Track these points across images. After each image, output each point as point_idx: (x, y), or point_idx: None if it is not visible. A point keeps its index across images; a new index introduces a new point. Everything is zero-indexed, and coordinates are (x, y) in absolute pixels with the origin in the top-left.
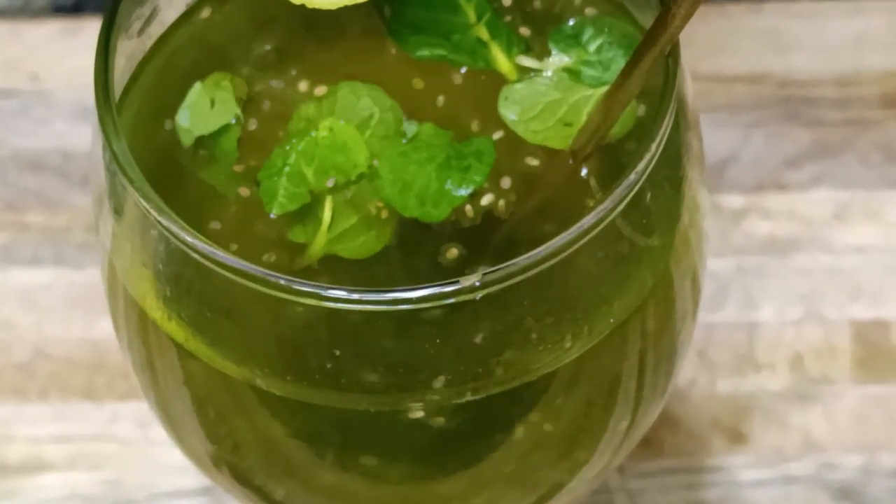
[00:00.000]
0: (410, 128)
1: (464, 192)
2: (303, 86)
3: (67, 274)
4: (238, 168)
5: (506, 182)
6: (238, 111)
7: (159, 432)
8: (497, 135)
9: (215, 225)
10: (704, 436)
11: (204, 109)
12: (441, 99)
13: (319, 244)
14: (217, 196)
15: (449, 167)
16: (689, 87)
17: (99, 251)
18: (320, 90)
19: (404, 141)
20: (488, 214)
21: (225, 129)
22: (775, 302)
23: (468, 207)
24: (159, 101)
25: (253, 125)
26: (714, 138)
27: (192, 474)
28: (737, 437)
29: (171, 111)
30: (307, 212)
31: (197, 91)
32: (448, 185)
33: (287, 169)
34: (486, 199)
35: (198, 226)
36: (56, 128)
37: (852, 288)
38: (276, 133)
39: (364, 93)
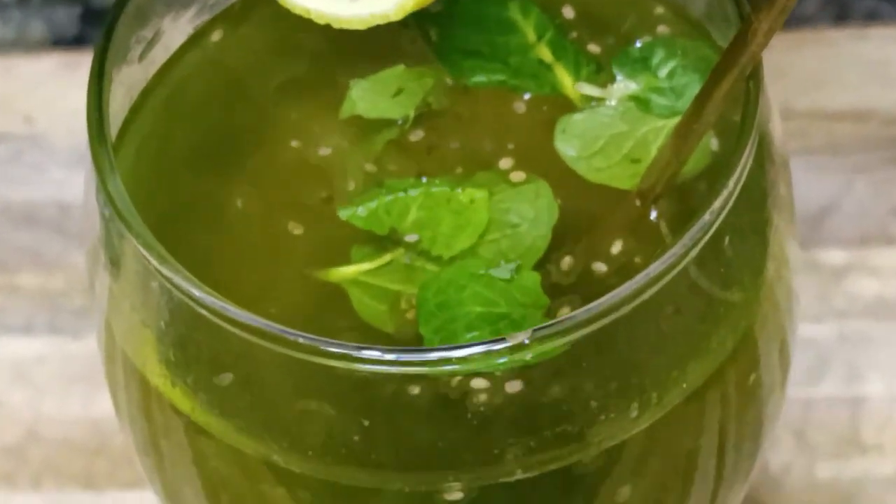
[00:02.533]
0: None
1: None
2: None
3: (64, 344)
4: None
5: (566, 232)
6: (412, 113)
7: None
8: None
9: (230, 279)
10: None
11: (386, 92)
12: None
13: (344, 275)
14: (233, 248)
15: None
16: (777, 120)
17: (95, 314)
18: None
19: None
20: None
21: (387, 123)
22: (884, 373)
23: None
24: (164, 137)
25: (415, 136)
26: (812, 185)
27: None
28: None
29: (178, 149)
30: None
31: (397, 72)
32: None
33: (392, 197)
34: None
35: (210, 281)
36: (52, 176)
37: None
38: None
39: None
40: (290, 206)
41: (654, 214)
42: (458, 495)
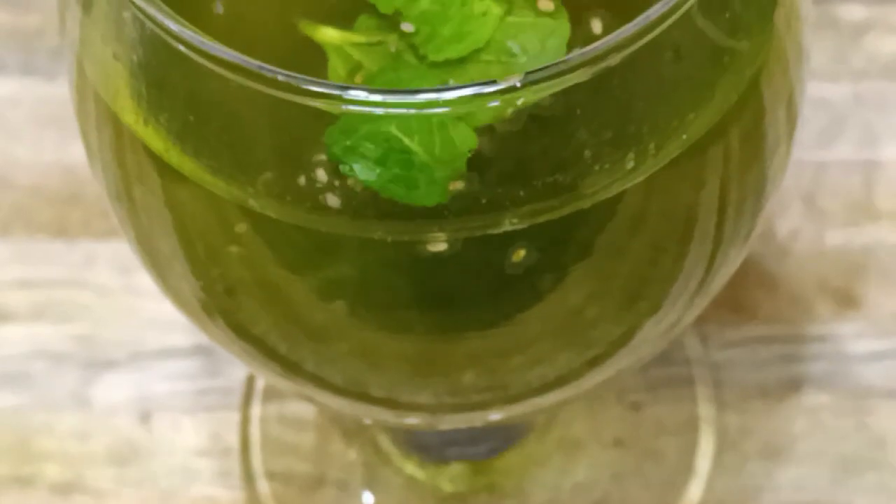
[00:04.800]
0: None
1: None
2: None
3: (37, 85)
4: None
5: None
6: None
7: (144, 279)
8: None
9: (208, 14)
10: (808, 298)
11: None
12: None
13: (330, 37)
14: None
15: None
16: None
17: (65, 51)
18: None
19: None
20: None
21: None
22: None
23: None
24: None
25: None
26: None
27: (183, 330)
28: (847, 301)
29: None
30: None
31: None
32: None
33: None
34: None
35: (186, 15)
36: None
37: None
38: None
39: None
40: None
41: None
42: (441, 246)
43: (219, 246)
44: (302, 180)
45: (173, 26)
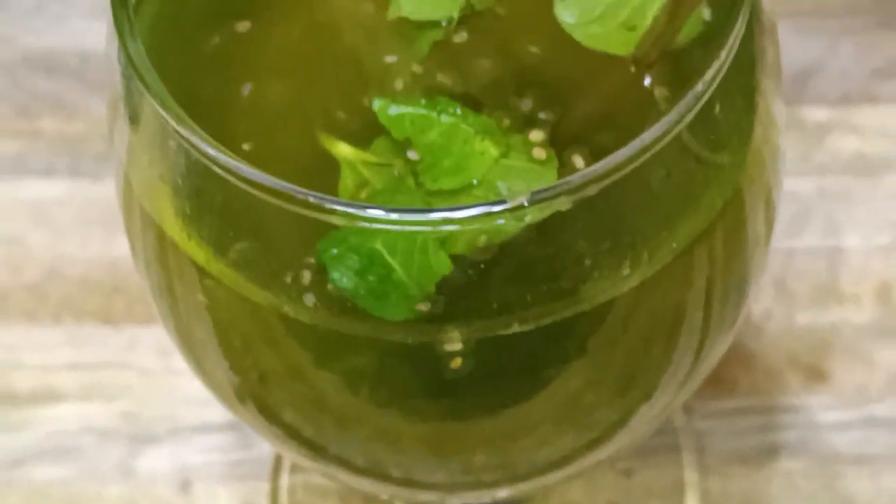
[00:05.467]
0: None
1: None
2: None
3: (84, 186)
4: None
5: (561, 94)
6: (456, 14)
7: (182, 361)
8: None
9: (239, 135)
10: (781, 373)
11: None
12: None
13: (345, 153)
14: (245, 107)
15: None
16: None
17: (113, 163)
18: None
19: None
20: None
21: (432, 24)
22: (861, 227)
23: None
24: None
25: (459, 37)
26: (798, 46)
27: (218, 407)
28: (816, 375)
29: (198, 12)
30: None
31: None
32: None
33: (425, 112)
34: (540, 114)
35: (223, 139)
36: (73, 26)
37: None
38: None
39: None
40: (312, 82)
41: (647, 80)
42: (457, 346)
43: (251, 340)
44: (329, 287)
45: (218, 155)
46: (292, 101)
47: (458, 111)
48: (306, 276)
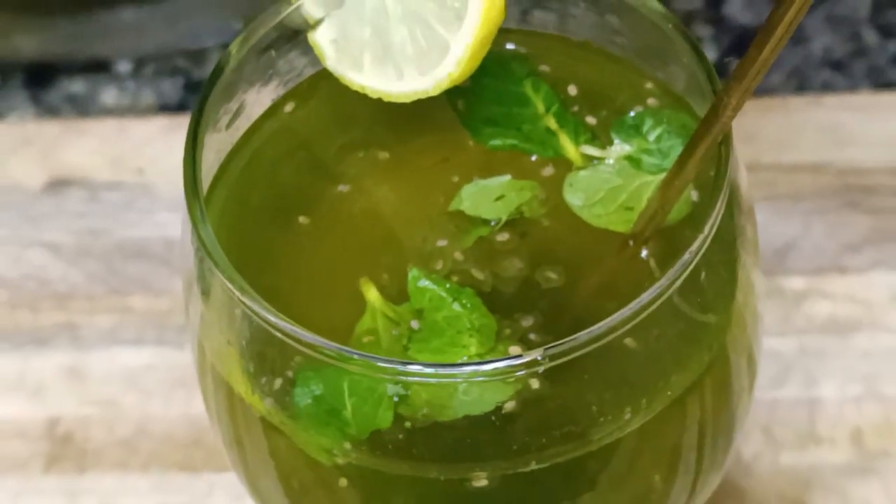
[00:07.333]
0: None
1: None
2: (383, 175)
3: (168, 354)
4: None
5: (569, 265)
6: (504, 218)
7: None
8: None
9: (303, 305)
10: None
11: (489, 196)
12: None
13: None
14: (302, 281)
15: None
16: (743, 175)
17: (189, 333)
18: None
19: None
20: (554, 296)
21: (483, 221)
22: (836, 380)
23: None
24: (246, 191)
25: (502, 237)
26: (777, 225)
27: None
28: None
29: (259, 200)
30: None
31: (503, 181)
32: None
33: (445, 294)
34: (551, 283)
35: (286, 308)
36: (159, 218)
37: None
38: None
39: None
40: (354, 254)
41: (644, 253)
42: (483, 482)
43: (310, 484)
44: (372, 436)
45: (273, 319)
46: (344, 258)
47: (469, 304)
48: (357, 426)
